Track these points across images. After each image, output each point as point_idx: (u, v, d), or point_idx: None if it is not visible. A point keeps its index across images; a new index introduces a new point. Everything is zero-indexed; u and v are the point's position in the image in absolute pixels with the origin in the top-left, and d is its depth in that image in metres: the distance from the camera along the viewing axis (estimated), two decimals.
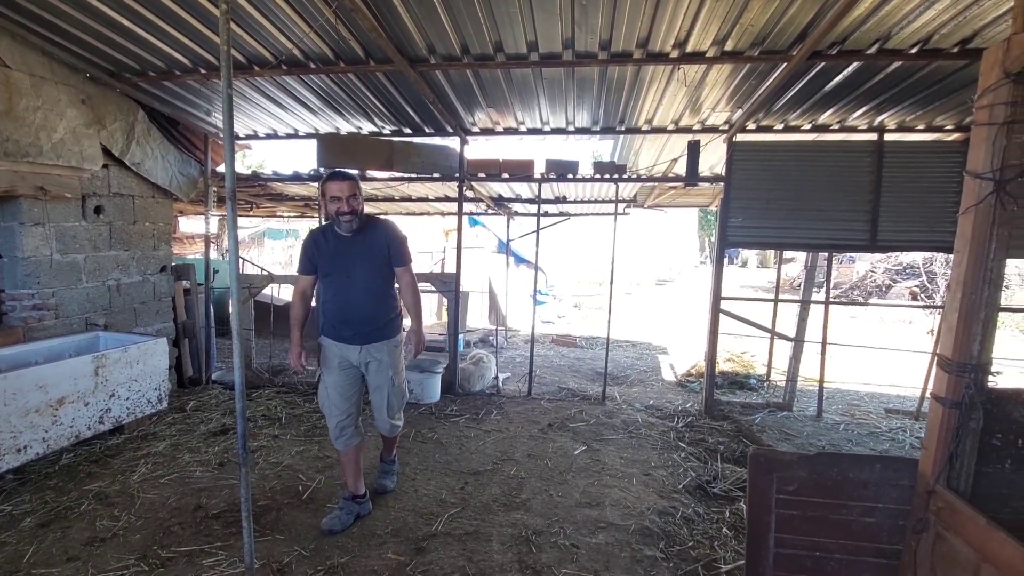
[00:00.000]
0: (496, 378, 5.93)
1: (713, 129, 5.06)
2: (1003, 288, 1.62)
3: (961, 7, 2.94)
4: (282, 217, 10.91)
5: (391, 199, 7.39)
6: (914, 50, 3.43)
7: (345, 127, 5.49)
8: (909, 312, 12.28)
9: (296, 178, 5.90)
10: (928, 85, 3.95)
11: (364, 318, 2.86)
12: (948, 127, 4.78)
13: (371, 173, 5.83)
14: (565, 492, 3.43)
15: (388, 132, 5.54)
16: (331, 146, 5.14)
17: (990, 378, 1.65)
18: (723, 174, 4.99)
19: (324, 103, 4.86)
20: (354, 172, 2.81)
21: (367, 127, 5.46)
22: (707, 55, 3.61)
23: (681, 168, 5.45)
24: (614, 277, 5.99)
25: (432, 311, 10.35)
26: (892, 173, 4.65)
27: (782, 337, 5.74)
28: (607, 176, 5.47)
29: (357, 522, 2.98)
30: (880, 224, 4.70)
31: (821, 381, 5.25)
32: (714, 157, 5.82)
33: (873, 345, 7.98)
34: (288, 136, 5.76)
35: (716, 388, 5.49)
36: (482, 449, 4.11)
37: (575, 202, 7.53)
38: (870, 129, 4.78)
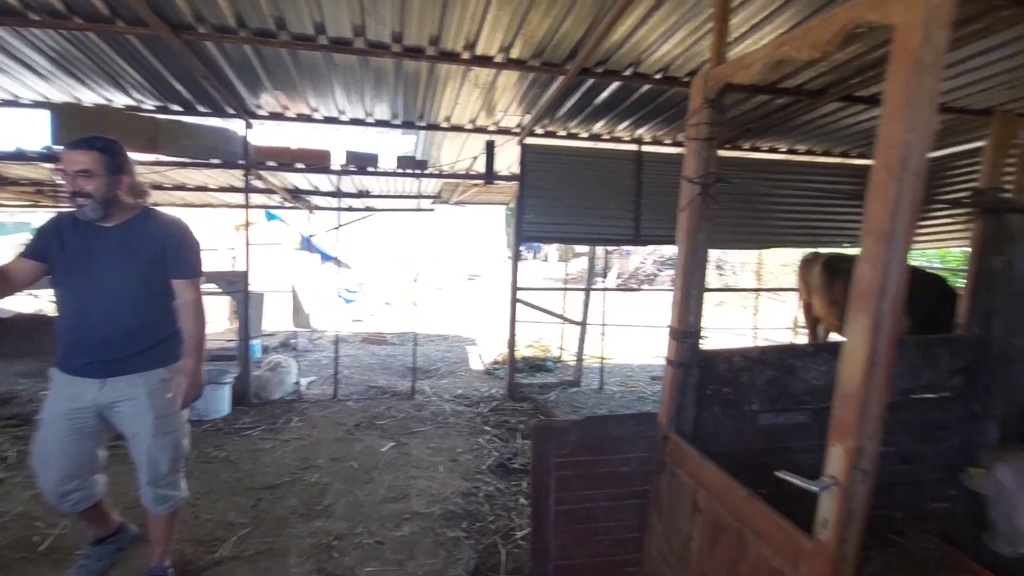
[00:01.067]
0: (298, 383, 5.52)
1: (507, 131, 5.41)
2: (733, 273, 2.06)
3: (688, 44, 3.62)
4: (5, 207, 8.57)
5: (160, 187, 6.34)
6: (659, 76, 4.11)
7: (90, 97, 4.54)
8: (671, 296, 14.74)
9: (19, 156, 4.70)
10: (670, 107, 4.77)
11: (108, 341, 2.10)
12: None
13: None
14: (371, 490, 3.36)
15: (151, 108, 4.74)
16: (70, 119, 4.21)
17: (701, 342, 2.08)
18: (518, 173, 5.37)
19: (57, 67, 3.95)
20: (105, 141, 2.20)
21: (120, 100, 4.60)
22: (495, 60, 3.83)
23: (481, 166, 5.72)
24: (425, 273, 6.03)
25: (224, 316, 9.18)
26: (649, 179, 5.53)
27: (570, 321, 6.43)
28: (409, 171, 5.47)
29: (120, 560, 2.50)
30: (642, 221, 5.55)
31: (602, 358, 6.01)
32: (511, 157, 6.23)
33: (642, 324, 9.41)
34: (6, 103, 4.56)
35: (518, 372, 5.91)
36: (279, 460, 3.80)
37: (380, 196, 7.37)
38: (632, 141, 5.61)
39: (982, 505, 2.33)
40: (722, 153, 5.90)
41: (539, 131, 5.43)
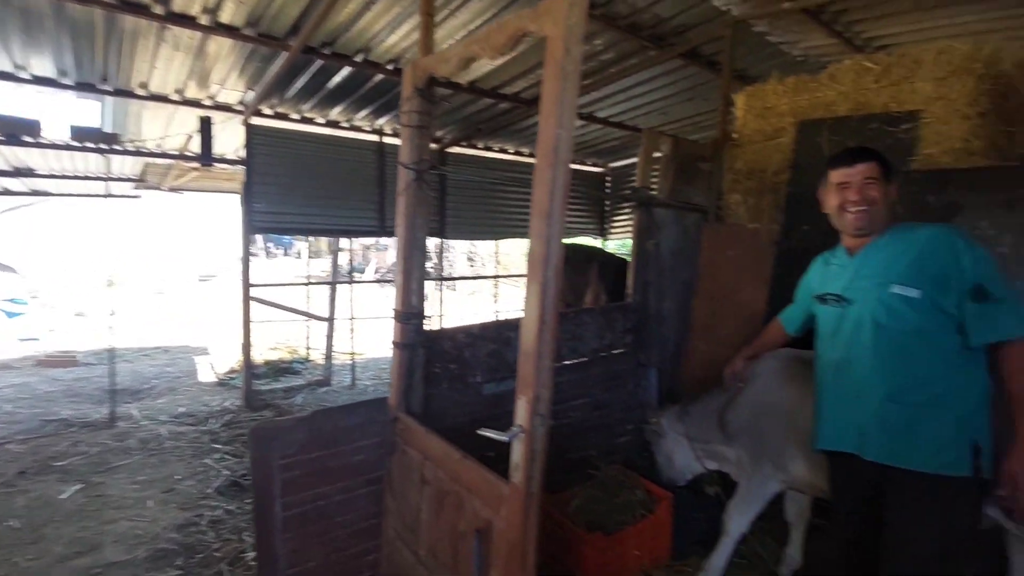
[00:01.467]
0: None
1: (228, 108, 4.79)
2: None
3: (415, 38, 3.72)
4: None
5: None
6: (390, 66, 4.13)
7: None
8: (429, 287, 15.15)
9: None
10: None
11: None
12: None
13: None
14: (41, 551, 2.62)
15: None
16: None
17: (426, 323, 2.18)
18: (246, 157, 4.80)
19: None
20: None
21: None
22: (199, 21, 3.33)
23: (198, 146, 4.94)
24: (131, 274, 4.93)
25: None
26: (392, 170, 5.55)
27: (315, 318, 6.08)
28: (91, 145, 4.40)
29: None
30: (387, 213, 5.55)
31: (353, 354, 5.85)
32: (237, 139, 5.53)
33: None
34: None
35: (259, 379, 5.35)
36: None
37: (51, 177, 5.77)
38: (373, 131, 5.55)
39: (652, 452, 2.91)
40: (459, 150, 6.32)
41: (268, 111, 4.95)
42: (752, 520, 2.35)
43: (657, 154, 3.28)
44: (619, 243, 8.14)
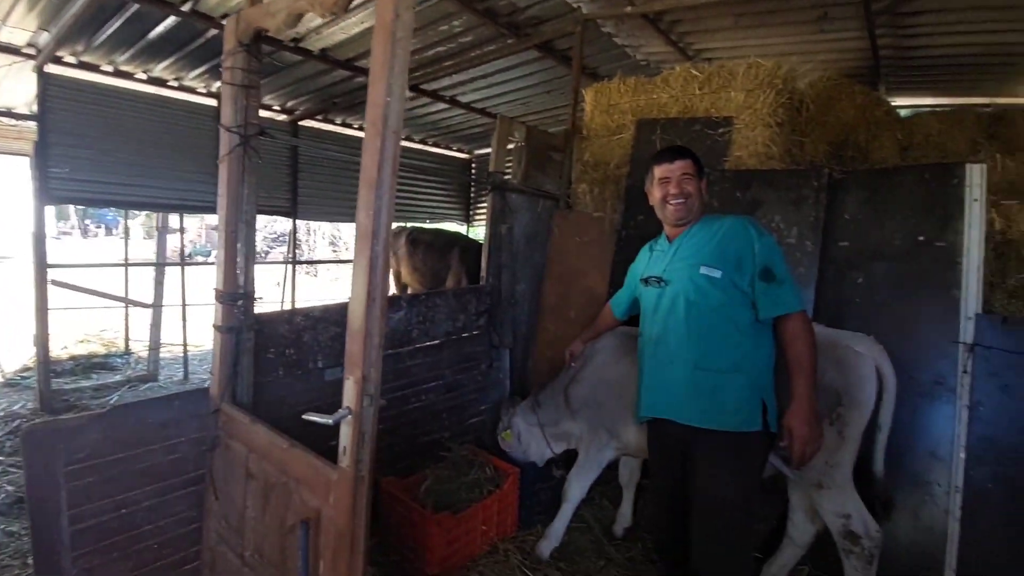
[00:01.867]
0: None
1: (15, 50, 3.94)
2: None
3: None
4: None
5: None
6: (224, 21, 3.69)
7: None
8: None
9: None
10: None
11: None
12: (275, 107, 5.56)
13: None
14: None
15: None
16: None
17: (258, 305, 1.99)
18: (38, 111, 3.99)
19: None
20: None
21: None
22: None
23: None
24: None
25: None
26: None
27: (135, 304, 5.32)
28: None
29: None
30: None
31: (184, 344, 5.22)
32: (28, 89, 4.58)
33: None
34: None
35: (60, 376, 4.53)
36: None
37: None
38: (209, 94, 4.94)
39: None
40: (315, 124, 5.90)
41: (70, 59, 4.16)
42: (590, 486, 2.53)
43: (511, 144, 3.35)
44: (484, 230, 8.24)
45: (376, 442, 1.36)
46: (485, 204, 8.12)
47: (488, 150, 7.64)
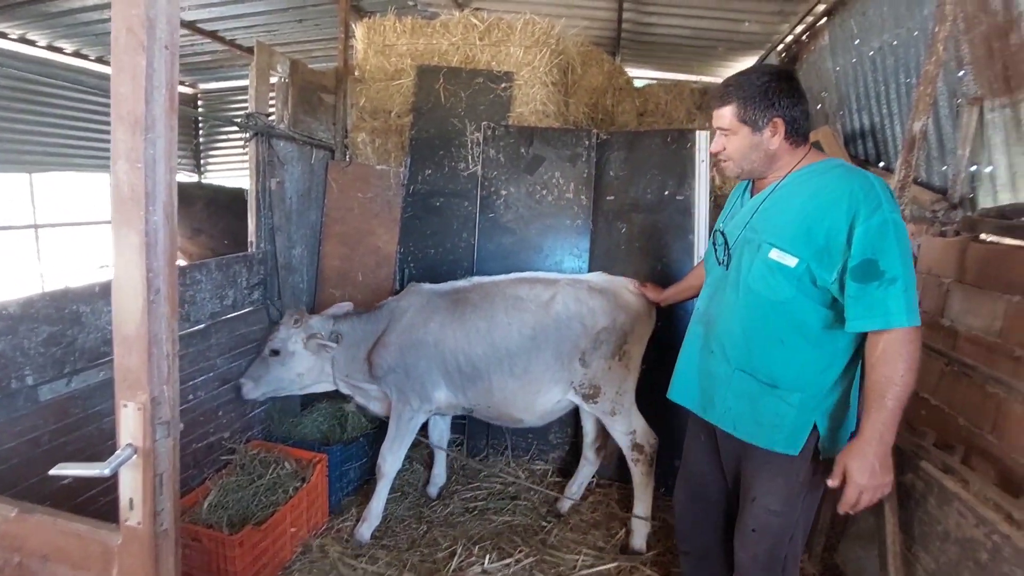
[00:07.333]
0: None
1: None
2: None
3: None
4: None
5: None
6: None
7: None
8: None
9: None
10: None
11: None
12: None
13: None
14: None
15: None
16: None
17: None
18: None
19: None
20: None
21: None
22: None
23: None
24: None
25: None
26: None
27: None
28: None
29: None
30: None
31: None
32: None
33: None
34: None
35: None
36: None
37: None
38: None
39: None
40: None
41: None
42: (404, 456, 2.43)
43: (273, 78, 2.79)
44: (221, 181, 6.99)
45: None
46: (222, 149, 6.82)
47: (220, 84, 6.37)
